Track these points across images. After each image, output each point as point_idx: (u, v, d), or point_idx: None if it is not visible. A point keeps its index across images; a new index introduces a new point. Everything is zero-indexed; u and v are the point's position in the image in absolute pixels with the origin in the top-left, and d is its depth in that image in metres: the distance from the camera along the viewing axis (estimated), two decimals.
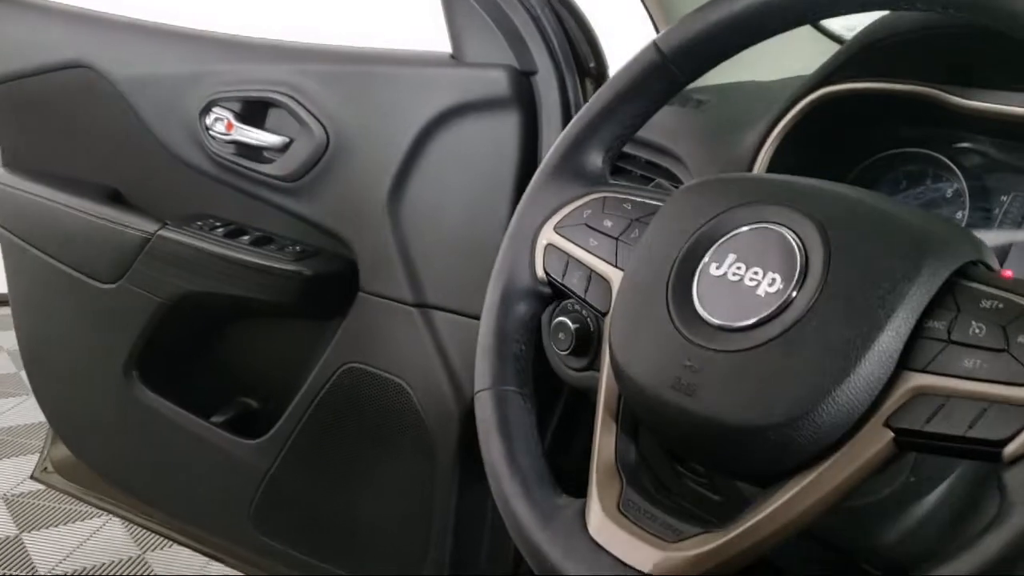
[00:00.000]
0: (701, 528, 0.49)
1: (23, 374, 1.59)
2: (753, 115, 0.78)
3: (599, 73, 1.09)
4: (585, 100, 1.03)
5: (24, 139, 1.41)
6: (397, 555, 1.23)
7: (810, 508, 0.46)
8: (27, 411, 2.59)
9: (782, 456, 0.46)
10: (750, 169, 0.75)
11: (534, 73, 1.04)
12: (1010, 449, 0.40)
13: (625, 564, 0.49)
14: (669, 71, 0.61)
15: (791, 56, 1.04)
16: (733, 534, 0.47)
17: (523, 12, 1.04)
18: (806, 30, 1.15)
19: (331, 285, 1.18)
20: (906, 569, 0.62)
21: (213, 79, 1.21)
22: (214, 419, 1.34)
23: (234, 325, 1.35)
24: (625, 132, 0.65)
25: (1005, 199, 0.72)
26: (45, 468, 1.64)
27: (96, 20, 1.33)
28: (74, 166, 1.38)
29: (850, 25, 1.00)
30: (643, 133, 0.86)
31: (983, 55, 0.51)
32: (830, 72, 0.72)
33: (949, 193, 0.74)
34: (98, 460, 1.51)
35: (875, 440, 0.44)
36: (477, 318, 0.79)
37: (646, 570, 0.48)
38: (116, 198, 1.35)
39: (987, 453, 0.41)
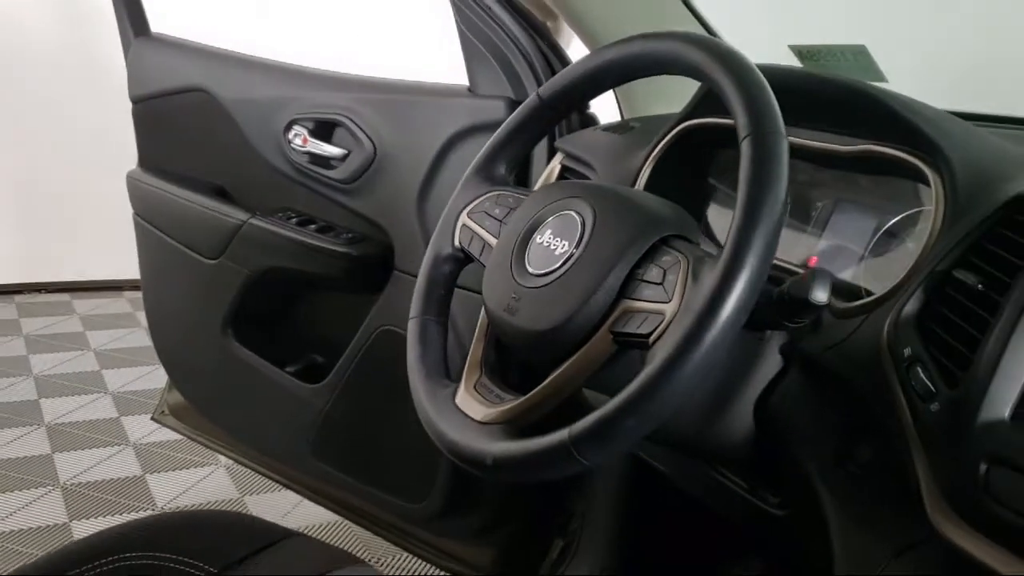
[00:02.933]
0: (515, 397, 0.77)
1: None
2: (650, 140, 1.04)
3: None
4: (568, 124, 1.30)
5: (156, 145, 1.72)
6: (414, 481, 1.49)
7: (570, 381, 0.73)
8: (158, 377, 2.81)
9: (554, 350, 0.74)
10: (635, 182, 1.02)
11: None
12: (652, 339, 0.68)
13: (467, 416, 0.78)
14: (546, 111, 0.88)
15: None
16: (525, 398, 0.75)
17: (520, 56, 1.33)
18: None
19: (373, 264, 1.46)
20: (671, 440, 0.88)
21: (295, 103, 1.50)
22: (288, 369, 1.62)
23: (303, 294, 1.63)
24: (520, 152, 0.92)
25: (820, 206, 0.96)
26: (163, 411, 1.95)
27: (213, 55, 1.64)
28: (191, 167, 1.68)
29: None
30: (577, 151, 1.13)
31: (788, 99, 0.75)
32: (689, 110, 0.97)
33: None
34: (201, 401, 1.81)
35: (603, 340, 0.72)
36: (479, 292, 1.01)
37: (477, 418, 0.77)
38: (221, 193, 1.66)
39: (644, 343, 0.68)
